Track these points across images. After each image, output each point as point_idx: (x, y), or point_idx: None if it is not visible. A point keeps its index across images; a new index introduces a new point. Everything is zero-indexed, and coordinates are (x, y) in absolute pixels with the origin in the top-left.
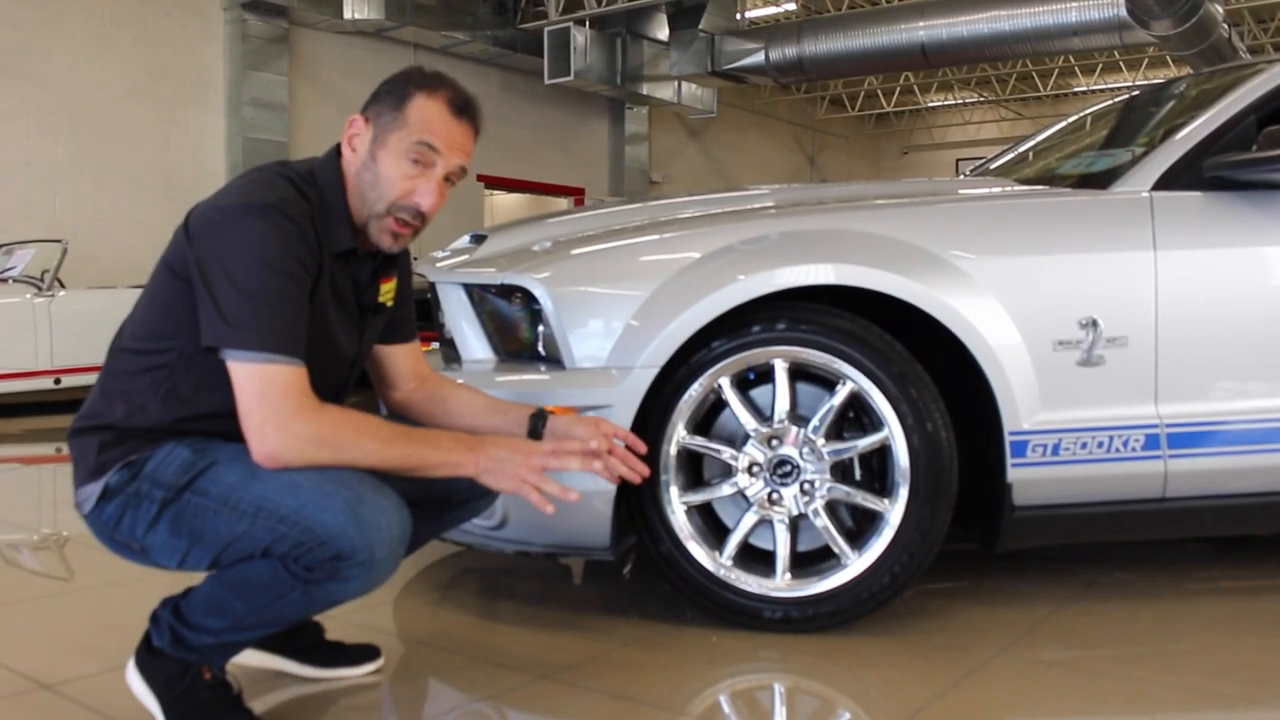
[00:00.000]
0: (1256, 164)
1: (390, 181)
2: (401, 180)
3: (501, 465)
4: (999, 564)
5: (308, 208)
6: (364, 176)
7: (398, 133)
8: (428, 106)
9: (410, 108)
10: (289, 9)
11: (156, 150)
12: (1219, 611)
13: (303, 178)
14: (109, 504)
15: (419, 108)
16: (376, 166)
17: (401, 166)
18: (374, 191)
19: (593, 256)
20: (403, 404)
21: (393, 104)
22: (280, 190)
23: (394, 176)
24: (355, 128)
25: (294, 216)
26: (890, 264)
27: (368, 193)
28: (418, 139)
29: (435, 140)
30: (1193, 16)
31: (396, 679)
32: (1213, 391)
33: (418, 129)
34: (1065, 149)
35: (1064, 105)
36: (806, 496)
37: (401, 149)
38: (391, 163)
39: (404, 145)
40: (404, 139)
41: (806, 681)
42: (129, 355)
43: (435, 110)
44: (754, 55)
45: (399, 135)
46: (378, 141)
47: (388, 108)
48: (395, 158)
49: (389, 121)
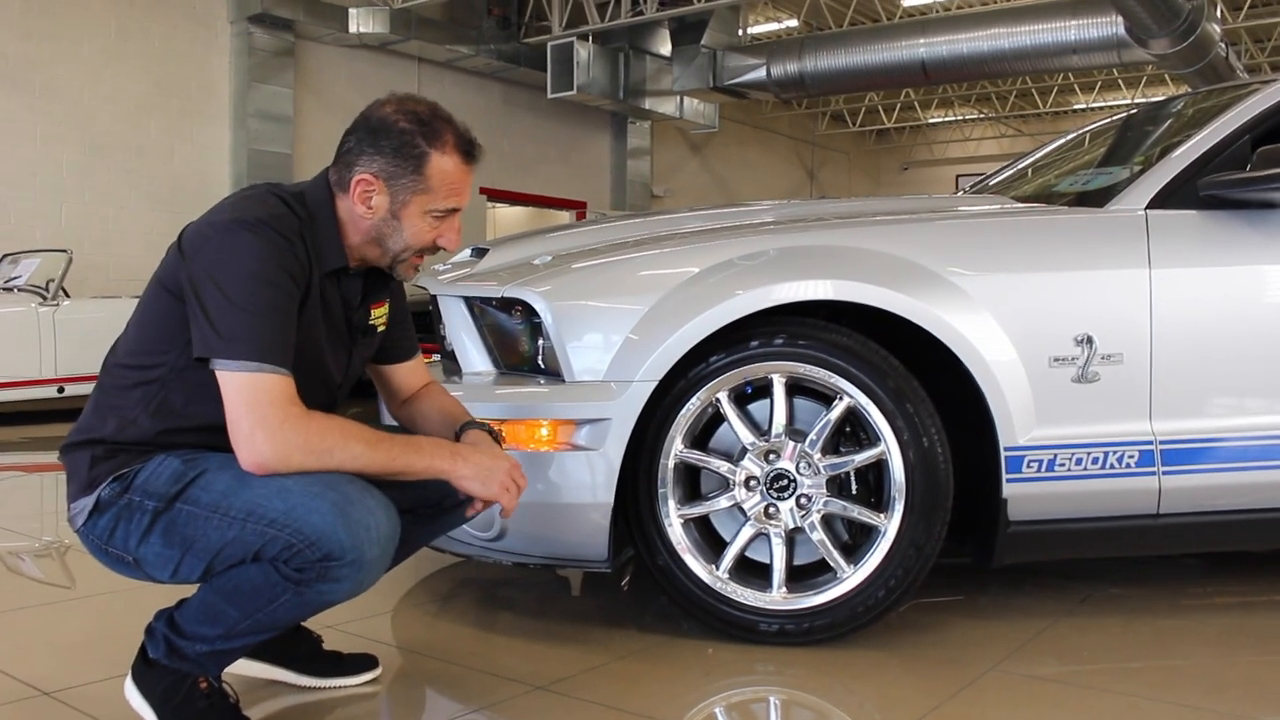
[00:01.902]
0: (1250, 183)
1: (417, 235)
2: (428, 233)
3: (485, 474)
4: (994, 579)
5: (298, 224)
6: (384, 230)
7: (421, 196)
8: (445, 165)
9: (430, 171)
10: (295, 23)
11: (162, 161)
12: (1214, 627)
13: (293, 197)
14: (101, 517)
15: (438, 170)
16: (401, 225)
17: (427, 222)
18: (398, 243)
19: (592, 271)
20: (397, 415)
21: (410, 166)
22: (271, 206)
23: (421, 230)
24: (368, 187)
25: (284, 231)
26: (887, 280)
27: (390, 244)
28: (445, 205)
29: (460, 201)
30: (1190, 36)
31: (394, 689)
32: (1206, 408)
33: (442, 193)
34: (1063, 166)
35: (1063, 122)
36: (803, 510)
37: (428, 209)
38: (417, 221)
39: (430, 208)
40: (430, 203)
41: (802, 694)
42: (121, 370)
43: (453, 167)
44: (756, 71)
45: (423, 199)
46: (399, 202)
47: (403, 169)
48: (421, 217)
49: (410, 185)
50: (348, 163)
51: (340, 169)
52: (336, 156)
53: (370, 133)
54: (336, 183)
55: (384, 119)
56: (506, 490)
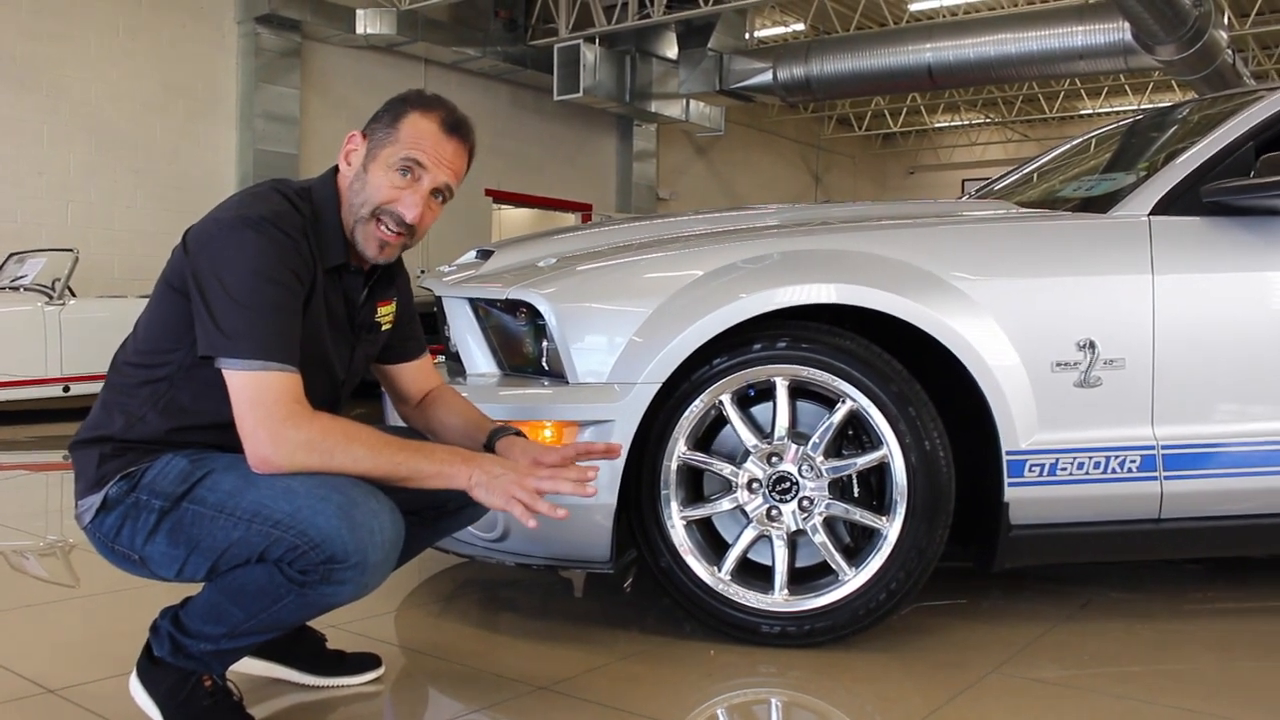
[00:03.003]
0: (1254, 190)
1: (376, 188)
2: (388, 189)
3: (495, 481)
4: (995, 582)
5: (301, 221)
6: (354, 186)
7: (390, 147)
8: (420, 123)
9: (404, 124)
10: (302, 23)
11: (168, 161)
12: (1214, 632)
13: (298, 194)
14: (108, 515)
15: (412, 124)
16: (366, 177)
17: (390, 177)
18: (359, 198)
19: (597, 273)
20: (408, 417)
21: (388, 121)
22: (275, 204)
23: (381, 184)
24: (353, 143)
25: (288, 229)
26: (891, 284)
27: (354, 199)
28: (406, 154)
29: (423, 156)
30: (1197, 42)
31: (396, 688)
32: (1208, 414)
33: (407, 143)
34: (1068, 171)
35: (1069, 127)
36: (805, 513)
37: (391, 162)
38: (380, 173)
39: (394, 159)
40: (394, 153)
41: (803, 696)
42: (130, 368)
43: (427, 127)
44: (762, 74)
45: (390, 150)
46: (370, 155)
47: (383, 125)
48: (384, 169)
49: (383, 137)
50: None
51: None
52: None
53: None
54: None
55: (396, 96)
56: (514, 500)
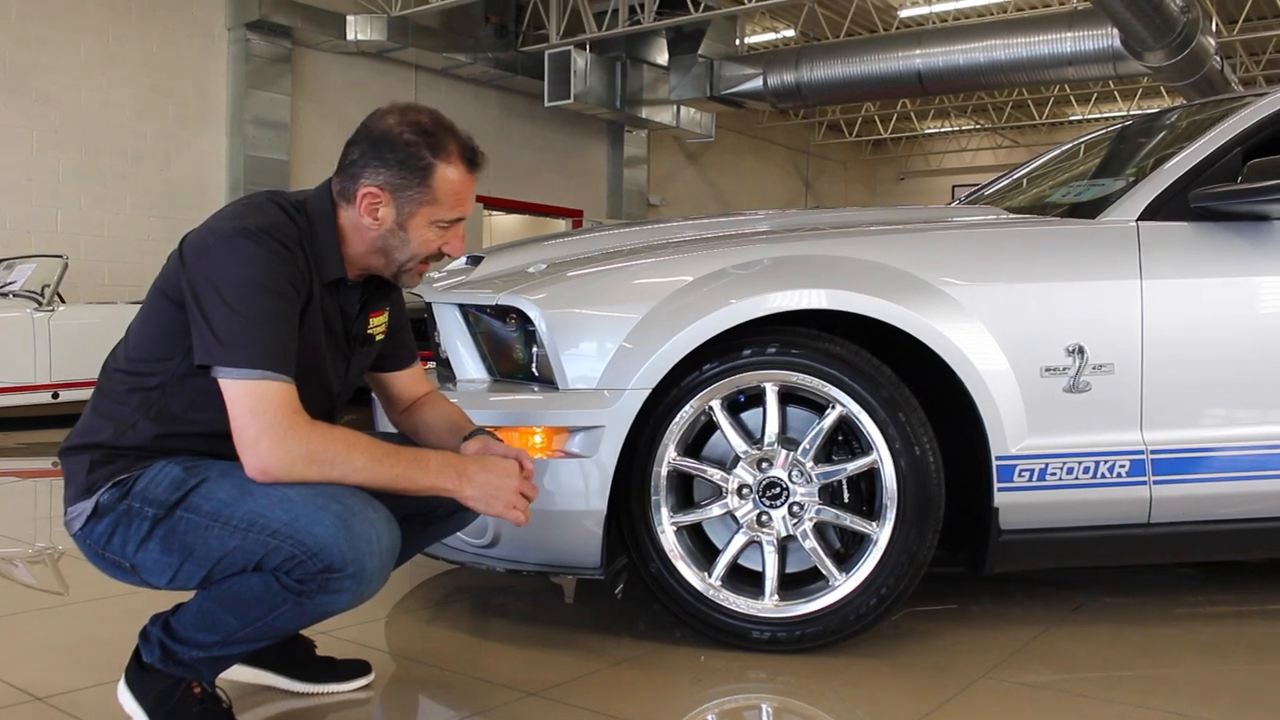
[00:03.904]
0: (1241, 195)
1: (424, 244)
2: (435, 241)
3: (490, 493)
4: (986, 587)
5: (298, 233)
6: (390, 241)
7: (428, 207)
8: (450, 175)
9: (437, 182)
10: (292, 29)
11: (158, 167)
12: (1205, 636)
13: (294, 206)
14: (99, 522)
15: (444, 180)
16: (408, 235)
17: (433, 231)
18: (404, 253)
19: (587, 279)
20: (398, 423)
21: (416, 179)
22: (271, 215)
23: (427, 240)
24: (376, 199)
25: (284, 240)
26: (881, 290)
27: (396, 255)
28: (451, 216)
29: (465, 210)
30: (1185, 48)
31: (387, 695)
32: (1197, 419)
33: (448, 203)
34: (1058, 177)
35: (1059, 133)
36: (795, 518)
37: (435, 219)
38: (424, 231)
39: (436, 218)
40: (436, 213)
41: (793, 701)
42: (121, 375)
43: (458, 177)
44: (752, 81)
45: (430, 210)
46: (406, 213)
47: (410, 182)
48: (427, 228)
49: (416, 196)
50: (352, 175)
51: (345, 180)
52: (340, 168)
53: (374, 145)
54: (340, 194)
55: (388, 131)
56: (512, 508)
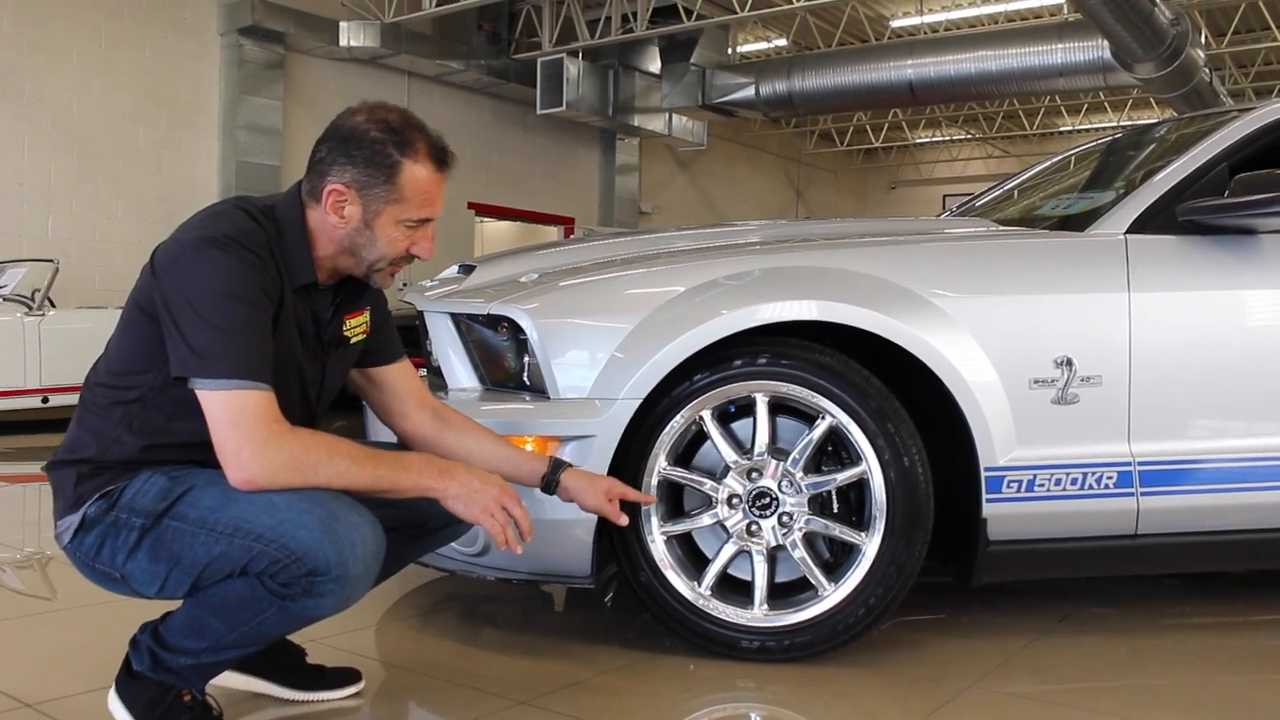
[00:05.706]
0: (1228, 209)
1: (391, 244)
2: (403, 241)
3: (472, 495)
4: (974, 597)
5: (266, 238)
6: (357, 240)
7: (395, 205)
8: (418, 173)
9: (403, 180)
10: (285, 35)
11: (150, 172)
12: (1191, 647)
13: (261, 212)
14: (88, 534)
15: (411, 179)
16: (374, 234)
17: (401, 231)
18: (372, 253)
19: (578, 289)
20: (412, 435)
21: (382, 176)
22: (239, 222)
23: (395, 238)
24: (342, 197)
25: (253, 247)
26: (871, 301)
27: (364, 254)
28: (419, 215)
29: (434, 211)
30: (1175, 60)
31: (376, 702)
32: (1184, 431)
33: (415, 203)
34: (1048, 189)
35: (1050, 144)
36: (785, 528)
37: (402, 218)
38: (391, 230)
39: (403, 217)
40: (403, 212)
41: (782, 711)
42: (102, 389)
43: (425, 176)
44: (744, 89)
45: (396, 209)
46: (372, 212)
47: (376, 179)
48: (394, 227)
49: (383, 194)
50: (320, 172)
51: (312, 179)
52: (309, 166)
53: (341, 142)
54: (309, 193)
55: (355, 128)
56: (490, 515)
